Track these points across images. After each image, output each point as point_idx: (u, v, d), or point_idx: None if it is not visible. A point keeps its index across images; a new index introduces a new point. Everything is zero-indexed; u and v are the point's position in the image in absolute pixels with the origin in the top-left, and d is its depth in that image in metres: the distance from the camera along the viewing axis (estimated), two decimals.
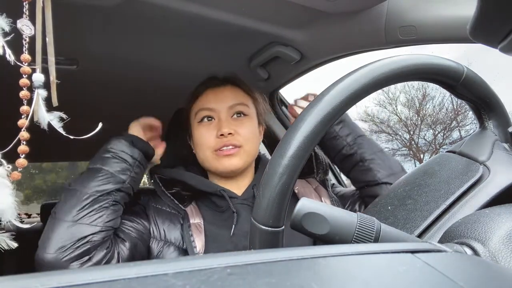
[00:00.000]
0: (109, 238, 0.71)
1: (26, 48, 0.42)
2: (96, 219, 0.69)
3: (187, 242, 0.76)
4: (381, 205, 0.44)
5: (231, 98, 0.86)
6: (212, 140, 0.82)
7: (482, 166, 0.40)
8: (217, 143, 0.82)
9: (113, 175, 0.74)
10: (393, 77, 0.37)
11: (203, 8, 0.85)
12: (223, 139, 0.81)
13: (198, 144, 0.85)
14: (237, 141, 0.82)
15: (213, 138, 0.82)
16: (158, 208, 0.83)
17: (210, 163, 0.84)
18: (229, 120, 0.84)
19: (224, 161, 0.82)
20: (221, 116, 0.84)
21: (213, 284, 0.16)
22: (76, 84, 1.20)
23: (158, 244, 0.78)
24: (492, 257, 0.26)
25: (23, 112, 0.42)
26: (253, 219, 0.35)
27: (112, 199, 0.72)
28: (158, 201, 0.84)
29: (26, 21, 0.42)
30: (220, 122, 0.83)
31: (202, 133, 0.84)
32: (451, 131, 14.86)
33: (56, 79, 0.47)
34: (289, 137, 0.34)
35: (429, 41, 0.85)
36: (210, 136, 0.83)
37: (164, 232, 0.79)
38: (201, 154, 0.85)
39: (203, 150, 0.84)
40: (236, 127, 0.83)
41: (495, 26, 0.31)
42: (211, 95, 0.86)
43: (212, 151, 0.82)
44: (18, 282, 0.16)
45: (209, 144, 0.82)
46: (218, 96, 0.86)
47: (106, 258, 0.70)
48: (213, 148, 0.82)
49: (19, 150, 0.42)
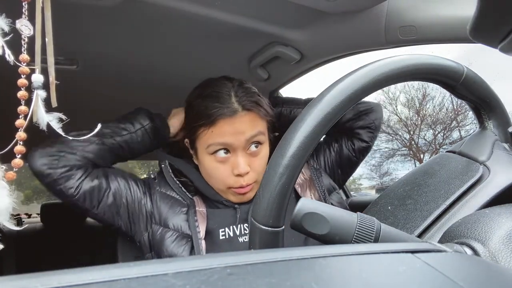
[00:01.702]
0: (87, 166, 0.78)
1: (25, 48, 0.42)
2: (79, 146, 0.77)
3: (192, 228, 0.77)
4: (381, 205, 0.44)
5: (249, 130, 0.76)
6: (227, 177, 0.78)
7: (482, 166, 0.40)
8: (233, 183, 0.78)
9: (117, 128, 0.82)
10: (393, 77, 0.37)
11: (203, 8, 0.85)
12: (239, 179, 0.77)
13: (209, 175, 0.81)
14: (253, 179, 0.79)
15: (228, 175, 0.78)
16: (163, 192, 0.83)
17: (221, 193, 0.82)
18: (246, 156, 0.78)
19: (238, 196, 0.80)
20: (238, 152, 0.77)
21: (213, 284, 0.16)
22: (76, 84, 1.20)
23: (159, 228, 0.79)
24: (492, 257, 0.26)
25: (21, 112, 0.42)
26: (253, 219, 0.35)
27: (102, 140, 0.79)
28: (163, 186, 0.84)
29: (25, 21, 0.42)
30: (236, 160, 0.77)
31: (216, 167, 0.78)
32: (451, 131, 14.86)
33: (56, 79, 0.47)
34: (289, 137, 0.34)
35: (429, 41, 0.85)
36: (224, 172, 0.78)
37: (166, 217, 0.80)
38: (213, 183, 0.82)
39: (216, 183, 0.81)
40: (252, 162, 0.79)
41: (495, 26, 0.31)
42: (227, 127, 0.75)
43: (227, 187, 0.79)
44: (18, 282, 0.16)
45: (225, 180, 0.78)
46: (235, 128, 0.75)
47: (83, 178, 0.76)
48: (229, 186, 0.79)
49: (15, 150, 0.42)
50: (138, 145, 0.84)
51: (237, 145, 0.76)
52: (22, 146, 0.42)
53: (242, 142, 0.76)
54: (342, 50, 1.04)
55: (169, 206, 0.81)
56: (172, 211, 0.80)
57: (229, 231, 0.80)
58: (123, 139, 0.81)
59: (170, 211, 0.80)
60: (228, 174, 0.78)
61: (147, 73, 1.22)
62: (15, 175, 0.42)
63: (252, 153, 0.79)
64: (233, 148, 0.77)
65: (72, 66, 1.09)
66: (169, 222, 0.79)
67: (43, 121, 0.44)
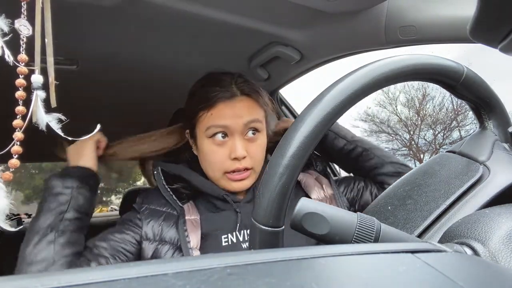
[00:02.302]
0: (76, 259, 0.72)
1: (23, 49, 0.42)
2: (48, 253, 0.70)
3: (181, 238, 0.75)
4: (381, 205, 0.44)
5: (247, 114, 0.79)
6: (224, 161, 0.79)
7: (482, 166, 0.40)
8: (229, 166, 0.79)
9: (51, 210, 0.75)
10: (393, 77, 0.37)
11: (203, 8, 0.85)
12: (235, 163, 0.78)
13: (207, 160, 0.81)
14: (249, 164, 0.79)
15: (225, 159, 0.79)
16: (152, 208, 0.81)
17: (218, 182, 0.82)
18: (243, 140, 0.80)
19: (234, 184, 0.80)
20: (235, 136, 0.79)
21: (213, 284, 0.16)
22: (76, 84, 1.20)
23: (152, 245, 0.77)
24: (492, 257, 0.26)
25: (19, 112, 0.42)
26: (253, 219, 0.35)
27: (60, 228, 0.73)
28: (152, 201, 0.83)
29: (24, 21, 0.42)
30: (234, 143, 0.78)
31: (214, 151, 0.79)
32: (451, 131, 14.86)
33: (55, 79, 0.47)
34: (289, 137, 0.34)
35: (429, 41, 0.85)
36: (222, 156, 0.79)
37: (160, 232, 0.78)
38: (210, 171, 0.82)
39: (212, 169, 0.81)
40: (249, 147, 0.80)
41: (495, 26, 0.31)
42: (226, 110, 0.78)
43: (223, 173, 0.80)
44: (18, 282, 0.16)
45: (220, 165, 0.79)
46: (234, 112, 0.78)
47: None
48: (224, 170, 0.79)
49: (12, 150, 0.42)
50: (85, 203, 0.79)
51: (235, 128, 0.78)
52: (19, 146, 0.42)
53: (240, 126, 0.78)
54: (342, 50, 1.04)
55: (161, 220, 0.79)
56: (165, 224, 0.79)
57: (232, 237, 0.78)
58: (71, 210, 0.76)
59: (164, 225, 0.78)
60: (225, 158, 0.79)
61: (147, 73, 1.22)
62: (12, 176, 0.42)
63: (250, 138, 0.81)
64: (231, 132, 0.79)
65: (72, 66, 1.09)
66: (165, 236, 0.77)
67: (43, 121, 0.44)
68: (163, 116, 1.23)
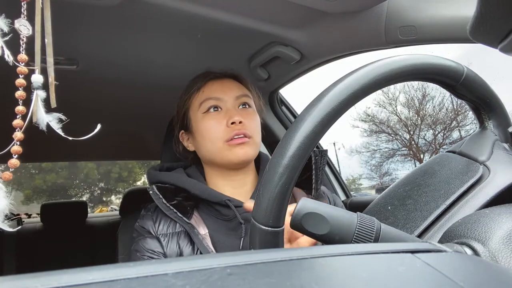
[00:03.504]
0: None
1: (23, 48, 0.42)
2: None
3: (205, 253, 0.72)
4: (381, 205, 0.44)
5: (236, 89, 0.84)
6: (223, 129, 0.79)
7: (482, 166, 0.40)
8: (228, 132, 0.78)
9: None
10: (393, 77, 0.37)
11: (203, 8, 0.85)
12: (234, 128, 0.78)
13: (206, 136, 0.81)
14: (248, 131, 0.79)
15: (223, 127, 0.79)
16: (164, 233, 0.77)
17: (221, 154, 0.79)
18: (238, 110, 0.82)
19: (237, 150, 0.78)
20: (229, 106, 0.82)
21: (213, 284, 0.16)
22: (76, 84, 1.20)
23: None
24: (492, 257, 0.26)
25: (19, 112, 0.42)
26: (253, 219, 0.35)
27: None
28: (161, 222, 0.79)
29: (24, 21, 0.42)
30: (229, 111, 0.80)
31: (211, 124, 0.80)
32: (451, 131, 14.87)
33: (56, 79, 0.47)
34: (289, 137, 0.34)
35: (429, 41, 0.85)
36: (219, 126, 0.79)
37: (178, 253, 0.75)
38: (210, 146, 0.80)
39: (213, 142, 0.79)
40: (244, 118, 0.80)
41: (495, 26, 0.31)
42: (216, 85, 0.84)
43: (224, 142, 0.78)
44: (18, 282, 0.16)
45: (219, 134, 0.79)
46: (224, 86, 0.84)
47: None
48: (224, 138, 0.78)
49: (12, 150, 0.42)
50: None
51: (227, 99, 0.82)
52: (19, 146, 0.42)
53: (231, 98, 0.82)
54: (342, 50, 1.04)
55: (174, 242, 0.76)
56: (181, 245, 0.75)
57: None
58: None
59: (180, 245, 0.75)
60: (223, 127, 0.79)
61: (147, 73, 1.22)
62: (12, 175, 0.42)
63: (242, 109, 0.83)
64: (223, 104, 0.82)
65: (72, 66, 1.09)
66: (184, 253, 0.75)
67: (43, 121, 0.44)
68: (163, 116, 1.23)
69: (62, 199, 13.19)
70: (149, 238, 0.78)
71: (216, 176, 0.85)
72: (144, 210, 0.84)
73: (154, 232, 0.78)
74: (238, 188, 0.84)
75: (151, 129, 1.88)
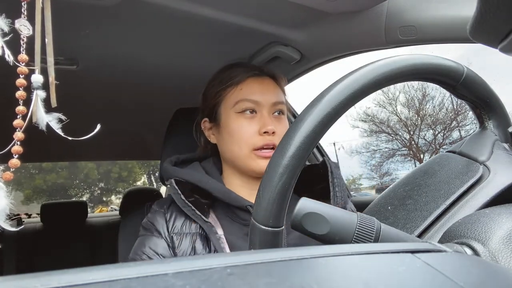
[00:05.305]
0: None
1: (24, 48, 0.42)
2: None
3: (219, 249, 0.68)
4: (381, 205, 0.44)
5: (275, 94, 0.80)
6: (253, 136, 0.76)
7: (482, 166, 0.40)
8: (258, 141, 0.75)
9: None
10: (393, 77, 0.37)
11: (203, 8, 0.85)
12: (265, 138, 0.75)
13: (235, 137, 0.77)
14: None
15: (254, 134, 0.76)
16: (177, 232, 0.73)
17: (244, 160, 0.77)
18: (272, 118, 0.79)
19: (261, 163, 0.75)
20: (264, 112, 0.78)
21: (213, 284, 0.16)
22: (76, 84, 1.20)
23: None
24: (492, 257, 0.26)
25: (19, 112, 0.42)
26: (253, 219, 0.35)
27: None
28: (175, 219, 0.75)
29: (24, 21, 0.42)
30: (263, 118, 0.77)
31: (243, 125, 0.76)
32: (451, 131, 14.87)
33: (56, 79, 0.47)
34: (289, 137, 0.34)
35: (429, 41, 0.85)
36: (251, 130, 0.76)
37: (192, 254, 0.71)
38: (236, 149, 0.77)
39: (240, 146, 0.76)
40: (276, 125, 0.77)
41: (495, 26, 0.31)
42: (256, 86, 0.79)
43: (251, 150, 0.75)
44: (18, 282, 0.16)
45: (250, 140, 0.76)
46: (264, 88, 0.80)
47: None
48: (253, 146, 0.75)
49: (13, 150, 0.42)
50: None
51: (264, 104, 0.78)
52: (19, 146, 0.42)
53: (269, 103, 0.79)
54: (342, 50, 1.04)
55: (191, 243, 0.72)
56: (197, 247, 0.71)
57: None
58: None
59: (196, 247, 0.71)
60: (254, 133, 0.76)
61: (147, 73, 1.22)
62: (13, 176, 0.42)
63: (276, 117, 0.80)
64: (260, 108, 0.78)
65: (72, 66, 1.09)
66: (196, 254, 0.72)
67: (43, 121, 0.44)
68: (163, 116, 1.23)
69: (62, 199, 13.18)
70: (156, 238, 0.73)
71: (233, 176, 0.82)
72: (156, 205, 0.79)
73: (165, 232, 0.74)
74: (255, 190, 0.81)
75: (151, 129, 1.89)
